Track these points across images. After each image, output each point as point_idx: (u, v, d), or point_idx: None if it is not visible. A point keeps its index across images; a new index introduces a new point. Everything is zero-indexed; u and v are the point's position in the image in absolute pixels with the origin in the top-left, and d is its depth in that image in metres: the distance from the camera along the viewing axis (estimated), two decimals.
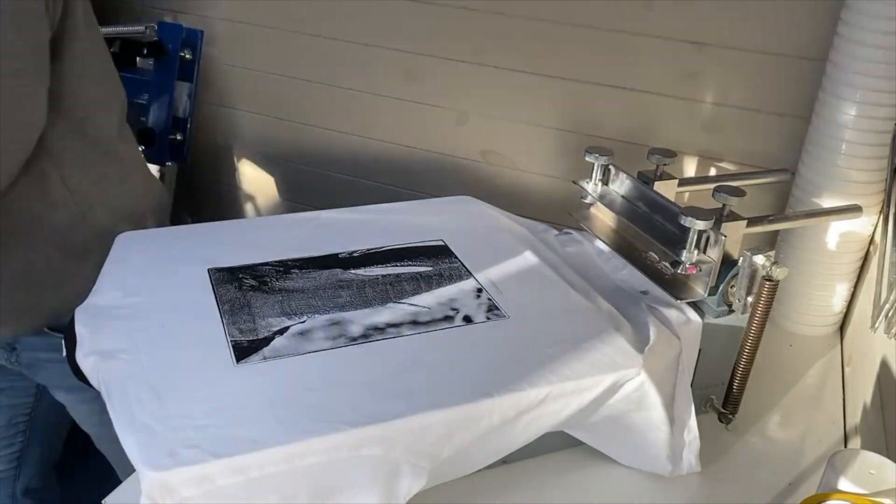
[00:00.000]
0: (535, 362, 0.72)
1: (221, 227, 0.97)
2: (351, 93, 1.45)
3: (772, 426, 0.91)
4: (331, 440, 0.62)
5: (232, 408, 0.64)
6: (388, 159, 1.47)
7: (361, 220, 0.98)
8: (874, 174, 1.01)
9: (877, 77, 0.95)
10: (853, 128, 0.99)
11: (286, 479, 0.61)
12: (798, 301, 1.10)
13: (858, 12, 0.95)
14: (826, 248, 1.06)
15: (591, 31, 1.23)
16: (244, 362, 0.70)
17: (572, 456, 0.81)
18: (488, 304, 0.81)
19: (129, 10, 1.54)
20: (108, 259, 0.85)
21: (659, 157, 0.94)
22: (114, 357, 0.69)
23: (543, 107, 1.32)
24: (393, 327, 0.76)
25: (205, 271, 0.83)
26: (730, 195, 0.82)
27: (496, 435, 0.69)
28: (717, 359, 0.84)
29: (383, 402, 0.66)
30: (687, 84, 1.20)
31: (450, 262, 0.89)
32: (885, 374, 0.85)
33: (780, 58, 1.13)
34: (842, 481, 0.61)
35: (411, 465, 0.65)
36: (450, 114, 1.39)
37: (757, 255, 0.79)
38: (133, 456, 0.59)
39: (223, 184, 1.66)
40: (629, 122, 1.27)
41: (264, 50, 1.49)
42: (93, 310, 0.77)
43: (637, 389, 0.73)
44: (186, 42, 1.38)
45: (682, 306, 0.81)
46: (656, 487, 0.79)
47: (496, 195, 1.28)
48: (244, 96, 1.55)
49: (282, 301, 0.79)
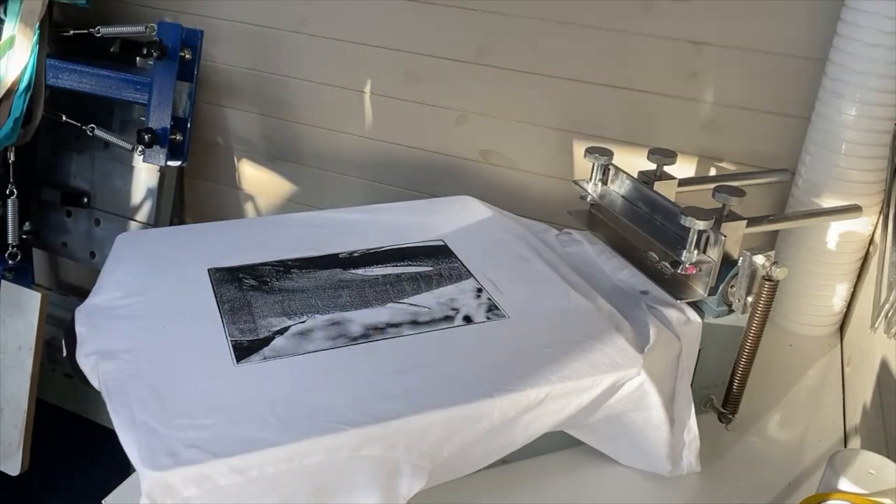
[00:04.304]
0: (535, 362, 0.72)
1: (221, 227, 0.97)
2: (351, 93, 1.45)
3: (772, 426, 0.91)
4: (331, 440, 0.62)
5: (232, 408, 0.64)
6: (388, 159, 1.47)
7: (361, 220, 0.98)
8: (874, 174, 1.01)
9: (877, 77, 0.95)
10: (853, 128, 0.99)
11: (286, 479, 0.61)
12: (798, 301, 1.10)
13: (858, 12, 0.95)
14: (826, 248, 1.06)
15: (591, 31, 1.23)
16: (244, 362, 0.70)
17: (572, 456, 0.81)
18: (488, 304, 0.81)
19: (129, 10, 1.54)
20: (108, 259, 0.85)
21: (659, 157, 0.94)
22: (114, 357, 0.69)
23: (543, 107, 1.32)
24: (393, 327, 0.76)
25: (205, 271, 0.83)
26: (730, 195, 0.82)
27: (496, 435, 0.69)
28: (717, 359, 0.84)
29: (383, 402, 0.66)
30: (687, 84, 1.20)
31: (450, 262, 0.89)
32: (885, 374, 0.85)
33: (780, 58, 1.13)
34: (842, 481, 0.61)
35: (411, 465, 0.65)
36: (450, 114, 1.39)
37: (757, 255, 0.79)
38: (133, 456, 0.59)
39: (223, 184, 1.65)
40: (629, 122, 1.26)
41: (264, 50, 1.48)
42: (93, 310, 0.77)
43: (637, 389, 0.73)
44: (186, 42, 1.37)
45: (682, 306, 0.81)
46: (656, 487, 0.79)
47: (496, 195, 1.28)
48: (244, 96, 1.55)
49: (282, 301, 0.79)
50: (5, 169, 1.41)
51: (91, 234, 1.62)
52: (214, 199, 1.68)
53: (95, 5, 1.43)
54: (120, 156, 1.56)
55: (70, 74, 1.43)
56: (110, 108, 1.54)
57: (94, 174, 1.61)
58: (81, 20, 1.43)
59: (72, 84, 1.43)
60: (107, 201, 1.60)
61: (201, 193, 1.68)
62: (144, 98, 1.39)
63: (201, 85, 1.49)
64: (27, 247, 1.54)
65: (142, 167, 1.55)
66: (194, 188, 1.68)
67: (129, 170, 1.57)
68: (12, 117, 1.25)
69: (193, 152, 1.54)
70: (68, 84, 1.43)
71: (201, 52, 1.41)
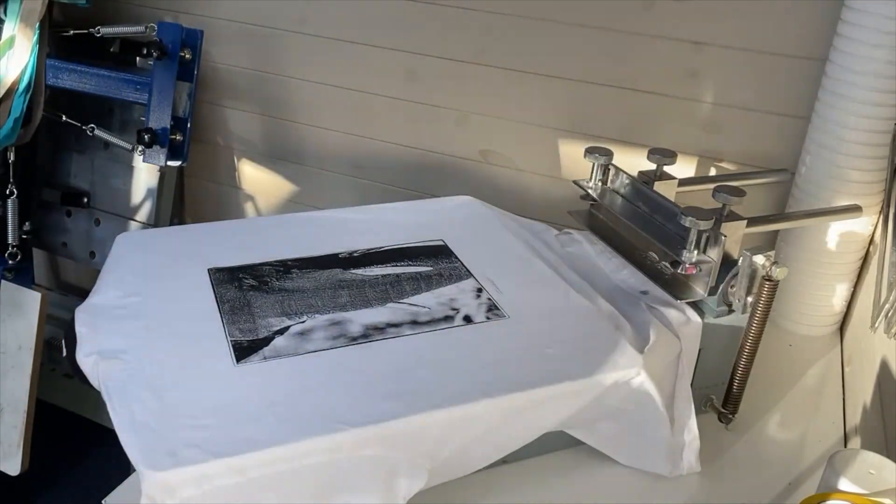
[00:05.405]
0: (535, 362, 0.72)
1: (221, 227, 0.97)
2: (351, 93, 1.45)
3: (772, 426, 0.91)
4: (331, 440, 0.62)
5: (232, 408, 0.64)
6: (388, 159, 1.47)
7: (361, 220, 0.98)
8: (874, 174, 1.01)
9: (877, 77, 0.95)
10: (853, 128, 0.99)
11: (286, 479, 0.61)
12: (798, 301, 1.10)
13: (858, 12, 0.95)
14: (826, 248, 1.06)
15: (592, 30, 1.23)
16: (244, 362, 0.70)
17: (572, 456, 0.81)
18: (488, 304, 0.81)
19: (129, 10, 1.54)
20: (108, 259, 0.85)
21: (659, 157, 0.94)
22: (114, 357, 0.69)
23: (543, 107, 1.32)
24: (393, 327, 0.76)
25: (205, 271, 0.83)
26: (730, 195, 0.82)
27: (496, 435, 0.69)
28: (717, 359, 0.84)
29: (383, 402, 0.66)
30: (687, 84, 1.20)
31: (450, 262, 0.89)
32: (885, 374, 0.85)
33: (780, 58, 1.13)
34: (842, 481, 0.61)
35: (411, 465, 0.65)
36: (450, 114, 1.39)
37: (757, 255, 0.79)
38: (133, 456, 0.59)
39: (223, 184, 1.65)
40: (629, 122, 1.26)
41: (264, 50, 1.48)
42: (93, 310, 0.77)
43: (637, 389, 0.73)
44: (186, 42, 1.37)
45: (682, 306, 0.81)
46: (656, 487, 0.79)
47: (496, 195, 1.28)
48: (244, 96, 1.55)
49: (282, 301, 0.79)
50: (5, 169, 1.41)
51: (91, 234, 1.62)
52: (214, 199, 1.68)
53: (95, 5, 1.43)
54: (120, 156, 1.56)
55: (70, 74, 1.43)
56: (110, 108, 1.54)
57: (94, 174, 1.61)
58: (81, 20, 1.43)
59: (72, 84, 1.43)
60: (107, 201, 1.60)
61: (201, 193, 1.68)
62: (144, 98, 1.39)
63: (201, 85, 1.49)
64: (27, 247, 1.54)
65: (142, 167, 1.56)
66: (194, 188, 1.68)
67: (129, 170, 1.58)
68: (12, 117, 1.25)
69: (193, 152, 1.54)
70: (68, 84, 1.43)
71: (201, 52, 1.41)
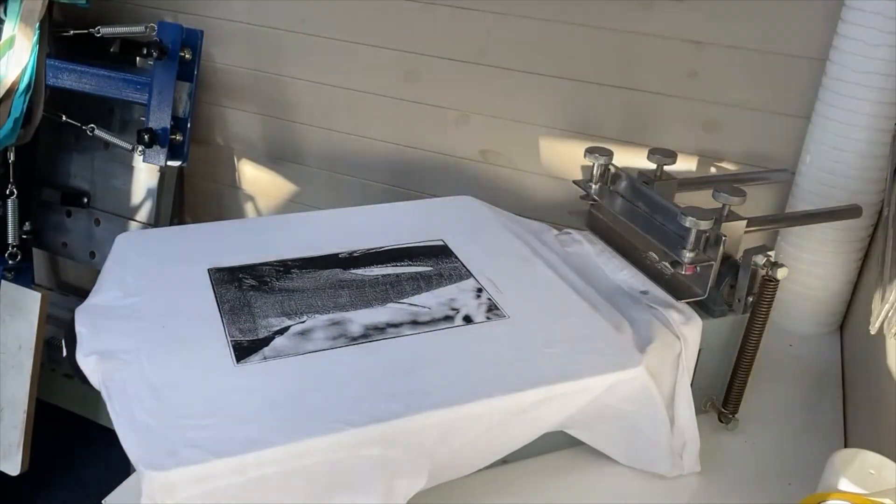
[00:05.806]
0: (535, 362, 0.72)
1: (221, 227, 0.97)
2: (351, 93, 1.45)
3: (772, 426, 0.91)
4: (331, 440, 0.62)
5: (232, 408, 0.64)
6: (388, 159, 1.47)
7: (361, 220, 0.98)
8: (874, 174, 1.01)
9: (877, 77, 0.95)
10: (853, 127, 0.99)
11: (286, 479, 0.61)
12: (798, 301, 1.10)
13: (858, 12, 0.95)
14: (826, 249, 1.06)
15: (592, 30, 1.23)
16: (244, 362, 0.70)
17: (572, 456, 0.81)
18: (488, 304, 0.81)
19: (129, 10, 1.54)
20: (108, 259, 0.85)
21: (659, 157, 0.94)
22: (114, 357, 0.69)
23: (543, 107, 1.32)
24: (393, 327, 0.76)
25: (205, 271, 0.83)
26: (730, 195, 0.82)
27: (496, 435, 0.69)
28: (717, 359, 0.84)
29: (383, 402, 0.66)
30: (687, 84, 1.20)
31: (450, 262, 0.89)
32: (884, 374, 0.85)
33: (780, 58, 1.13)
34: (842, 481, 0.61)
35: (411, 465, 0.65)
36: (450, 114, 1.39)
37: (757, 255, 0.79)
38: (133, 456, 0.59)
39: (223, 184, 1.65)
40: (629, 122, 1.26)
41: (264, 50, 1.48)
42: (93, 310, 0.77)
43: (637, 389, 0.73)
44: (186, 42, 1.37)
45: (682, 306, 0.81)
46: (656, 487, 0.79)
47: (496, 195, 1.28)
48: (244, 96, 1.55)
49: (282, 301, 0.79)
50: (5, 169, 1.41)
51: (91, 234, 1.62)
52: (214, 199, 1.68)
53: (95, 5, 1.43)
54: (120, 156, 1.56)
55: (70, 74, 1.43)
56: (110, 108, 1.54)
57: (94, 174, 1.61)
58: (81, 20, 1.43)
59: (72, 84, 1.43)
60: (107, 201, 1.60)
61: (201, 193, 1.68)
62: (144, 98, 1.39)
63: (201, 85, 1.49)
64: (27, 247, 1.54)
65: (142, 167, 1.56)
66: (194, 188, 1.68)
67: (129, 170, 1.58)
68: (12, 117, 1.25)
69: (193, 152, 1.54)
70: (68, 84, 1.43)
71: (201, 52, 1.41)
